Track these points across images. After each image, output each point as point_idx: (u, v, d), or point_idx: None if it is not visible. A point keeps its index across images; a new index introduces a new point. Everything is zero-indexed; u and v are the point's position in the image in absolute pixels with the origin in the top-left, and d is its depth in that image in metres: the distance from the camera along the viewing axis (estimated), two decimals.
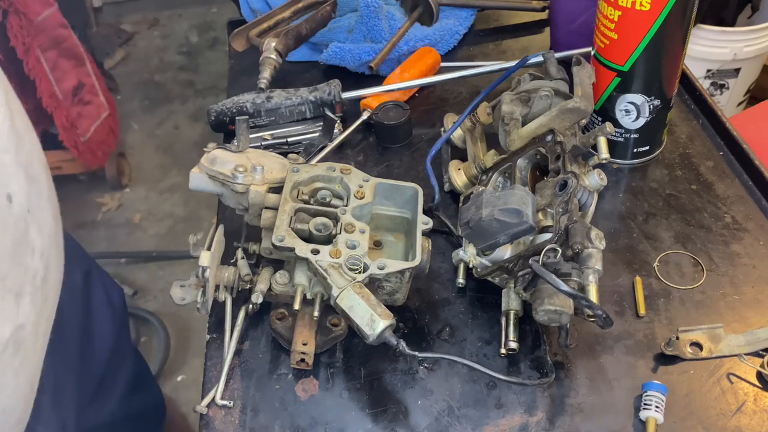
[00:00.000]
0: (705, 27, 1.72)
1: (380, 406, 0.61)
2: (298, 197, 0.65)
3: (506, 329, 0.62)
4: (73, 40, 1.97)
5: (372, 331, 0.56)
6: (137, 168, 2.39)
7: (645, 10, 0.69)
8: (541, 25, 1.08)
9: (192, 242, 0.65)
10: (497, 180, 0.72)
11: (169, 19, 3.15)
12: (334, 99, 0.88)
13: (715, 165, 0.81)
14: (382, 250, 0.68)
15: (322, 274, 0.59)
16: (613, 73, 0.76)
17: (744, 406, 0.59)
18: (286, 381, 0.63)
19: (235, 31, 0.98)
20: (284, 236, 0.60)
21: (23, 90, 1.83)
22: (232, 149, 0.67)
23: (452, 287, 0.70)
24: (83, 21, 2.64)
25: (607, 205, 0.77)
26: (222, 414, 0.60)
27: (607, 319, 0.55)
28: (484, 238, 0.61)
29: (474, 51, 1.05)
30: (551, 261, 0.56)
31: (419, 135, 0.89)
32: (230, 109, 0.88)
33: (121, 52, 2.93)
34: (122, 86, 2.74)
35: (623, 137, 0.80)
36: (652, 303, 0.67)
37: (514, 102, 0.75)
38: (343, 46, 0.97)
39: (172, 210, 2.24)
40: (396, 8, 1.03)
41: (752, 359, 0.61)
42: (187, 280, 0.66)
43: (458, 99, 0.95)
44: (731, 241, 0.72)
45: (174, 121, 2.59)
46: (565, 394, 0.60)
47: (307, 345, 0.61)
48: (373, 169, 0.84)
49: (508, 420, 0.59)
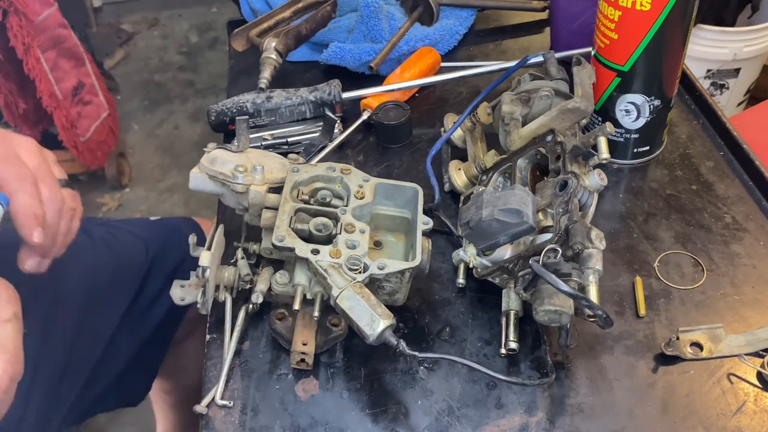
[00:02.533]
0: (705, 27, 1.72)
1: (380, 406, 0.61)
2: (298, 197, 0.65)
3: (506, 329, 0.61)
4: (73, 40, 1.96)
5: (372, 331, 0.56)
6: (137, 168, 2.39)
7: (645, 10, 0.69)
8: (541, 25, 1.08)
9: (192, 242, 0.65)
10: (497, 180, 0.72)
11: (169, 19, 3.15)
12: (334, 99, 0.88)
13: (715, 165, 0.81)
14: (382, 250, 0.68)
15: (322, 274, 0.59)
16: (614, 73, 0.76)
17: (744, 407, 0.59)
18: (286, 381, 0.63)
19: (235, 31, 0.98)
20: (284, 236, 0.60)
21: (23, 90, 1.82)
22: (232, 149, 0.67)
23: (452, 287, 0.70)
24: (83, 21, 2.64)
25: (607, 205, 0.77)
26: (222, 414, 0.60)
27: (608, 320, 0.55)
28: (484, 238, 0.61)
29: (474, 51, 1.05)
30: (551, 261, 0.56)
31: (419, 135, 0.89)
32: (230, 109, 0.88)
33: (121, 52, 2.92)
34: (122, 86, 2.74)
35: (623, 137, 0.80)
36: (653, 303, 0.67)
37: (514, 102, 0.75)
38: (343, 46, 0.97)
39: (172, 210, 2.24)
40: (396, 8, 1.03)
41: (752, 359, 0.61)
42: (187, 280, 0.66)
43: (458, 99, 0.95)
44: (731, 242, 0.72)
45: (174, 121, 2.59)
46: (565, 394, 0.60)
47: (307, 345, 0.61)
48: (373, 169, 0.84)
49: (508, 420, 0.59)
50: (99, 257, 0.88)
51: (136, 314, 0.90)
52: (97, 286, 0.86)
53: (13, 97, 1.81)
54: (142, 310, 0.91)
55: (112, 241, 0.91)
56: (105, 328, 0.86)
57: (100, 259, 0.88)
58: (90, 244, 0.89)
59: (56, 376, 0.78)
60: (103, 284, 0.87)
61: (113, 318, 0.87)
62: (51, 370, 0.77)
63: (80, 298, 0.83)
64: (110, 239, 0.91)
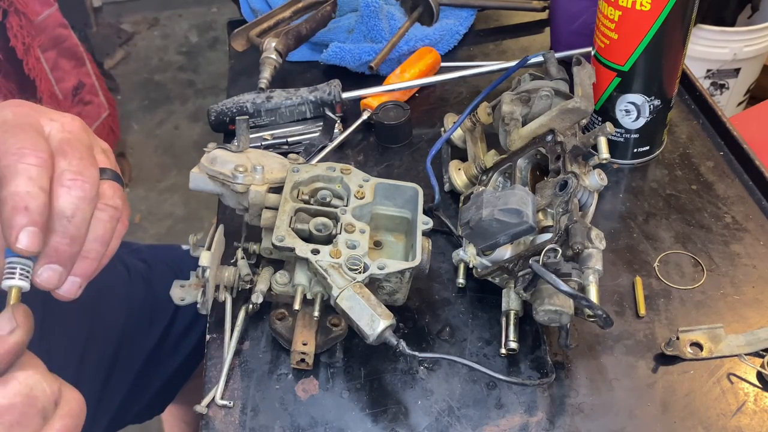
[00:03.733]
0: (705, 27, 1.72)
1: (380, 406, 0.61)
2: (298, 197, 0.65)
3: (506, 329, 0.61)
4: (73, 40, 1.97)
5: (372, 331, 0.56)
6: (137, 168, 2.39)
7: (645, 10, 0.69)
8: (542, 25, 1.08)
9: (192, 242, 0.65)
10: (497, 180, 0.72)
11: (169, 19, 3.15)
12: (334, 99, 0.88)
13: (715, 165, 0.81)
14: (382, 250, 0.68)
15: (322, 274, 0.59)
16: (614, 73, 0.76)
17: (744, 407, 0.59)
18: (286, 381, 0.63)
19: (235, 31, 0.98)
20: (284, 236, 0.60)
21: (23, 90, 1.83)
22: (232, 149, 0.67)
23: (452, 287, 0.70)
24: (83, 21, 2.64)
25: (607, 205, 0.77)
26: (222, 414, 0.60)
27: (607, 319, 0.55)
28: (484, 238, 0.61)
29: (474, 51, 1.05)
30: (551, 261, 0.56)
31: (419, 135, 0.89)
32: (230, 109, 0.88)
33: (121, 52, 2.92)
34: (122, 86, 2.74)
35: (623, 137, 0.80)
36: (653, 303, 0.67)
37: (514, 102, 0.75)
38: (343, 46, 0.97)
39: (172, 210, 2.24)
40: (396, 8, 1.03)
41: (752, 359, 0.61)
42: (187, 280, 0.66)
43: (458, 99, 0.95)
44: (731, 241, 0.72)
45: (174, 121, 2.59)
46: (565, 394, 0.60)
47: (307, 345, 0.61)
48: (373, 169, 0.84)
49: (508, 420, 0.59)
50: (136, 294, 0.85)
51: (166, 349, 0.88)
52: (132, 324, 0.83)
53: (13, 96, 1.81)
54: (172, 346, 0.89)
55: (147, 274, 0.88)
56: (135, 362, 0.85)
57: (137, 295, 0.85)
58: (127, 278, 0.85)
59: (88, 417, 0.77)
60: (137, 321, 0.84)
61: (143, 352, 0.85)
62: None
63: (115, 336, 0.81)
64: (145, 271, 0.88)
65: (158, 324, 0.87)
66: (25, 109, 0.46)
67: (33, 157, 0.41)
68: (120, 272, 0.85)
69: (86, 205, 0.44)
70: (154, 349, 0.86)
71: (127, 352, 0.83)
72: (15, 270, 0.42)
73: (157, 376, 0.89)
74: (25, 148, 0.42)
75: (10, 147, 0.41)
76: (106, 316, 0.79)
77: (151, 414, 0.96)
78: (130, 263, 0.88)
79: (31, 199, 0.41)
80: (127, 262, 0.88)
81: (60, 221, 0.43)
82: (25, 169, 0.41)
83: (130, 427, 0.95)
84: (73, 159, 0.44)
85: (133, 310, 0.84)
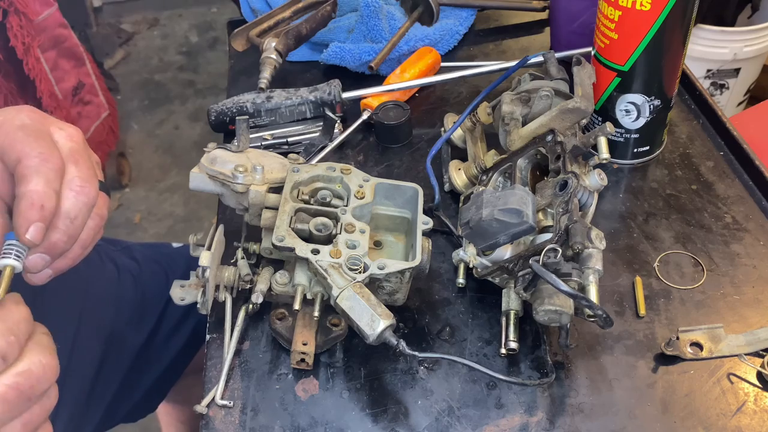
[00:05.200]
0: (705, 27, 1.72)
1: (380, 406, 0.61)
2: (299, 197, 0.65)
3: (506, 329, 0.61)
4: (73, 40, 1.97)
5: (372, 331, 0.56)
6: (137, 168, 2.39)
7: (645, 10, 0.69)
8: (541, 25, 1.08)
9: (192, 242, 0.65)
10: (497, 180, 0.72)
11: (169, 19, 3.15)
12: (334, 99, 0.88)
13: (715, 165, 0.81)
14: (382, 250, 0.68)
15: (322, 274, 0.59)
16: (614, 73, 0.76)
17: (744, 407, 0.59)
18: (286, 381, 0.63)
19: (235, 31, 0.98)
20: (284, 236, 0.60)
21: (23, 90, 1.82)
22: (232, 149, 0.67)
23: (452, 287, 0.70)
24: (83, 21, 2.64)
25: (607, 205, 0.77)
26: (222, 414, 0.60)
27: (607, 319, 0.55)
28: (484, 238, 0.61)
29: (474, 51, 1.05)
30: (551, 261, 0.56)
31: (419, 135, 0.89)
32: (230, 109, 0.88)
33: (121, 52, 2.92)
34: (122, 86, 2.74)
35: (623, 137, 0.80)
36: (653, 303, 0.67)
37: (514, 102, 0.75)
38: (343, 46, 0.97)
39: (172, 210, 2.24)
40: (396, 8, 1.03)
41: (752, 359, 0.61)
42: (187, 280, 0.66)
43: (458, 99, 0.95)
44: (731, 241, 0.72)
45: (174, 121, 2.59)
46: (565, 394, 0.60)
47: (307, 345, 0.61)
48: (373, 169, 0.84)
49: (508, 420, 0.59)
50: (125, 291, 0.86)
51: (156, 347, 0.89)
52: (121, 321, 0.84)
53: (13, 97, 1.81)
54: (161, 343, 0.89)
55: (136, 272, 0.88)
56: (125, 359, 0.85)
57: (126, 293, 0.86)
58: (116, 276, 0.86)
59: (77, 414, 0.77)
60: (126, 319, 0.85)
61: (133, 350, 0.86)
62: (72, 408, 0.76)
63: (104, 333, 0.81)
64: (135, 269, 0.89)
65: (148, 321, 0.88)
66: (38, 116, 0.51)
67: (52, 162, 0.47)
68: (109, 270, 0.85)
69: (87, 210, 0.50)
70: (143, 346, 0.87)
71: (117, 349, 0.83)
72: (11, 251, 0.48)
73: (147, 373, 0.89)
74: (45, 153, 0.48)
75: (32, 150, 0.47)
76: (95, 313, 0.80)
77: (144, 412, 0.96)
78: (119, 261, 0.88)
79: (47, 199, 0.47)
80: (117, 259, 0.88)
81: (64, 221, 0.49)
82: (45, 172, 0.47)
83: (130, 427, 0.96)
84: (82, 167, 0.50)
85: (122, 307, 0.85)
